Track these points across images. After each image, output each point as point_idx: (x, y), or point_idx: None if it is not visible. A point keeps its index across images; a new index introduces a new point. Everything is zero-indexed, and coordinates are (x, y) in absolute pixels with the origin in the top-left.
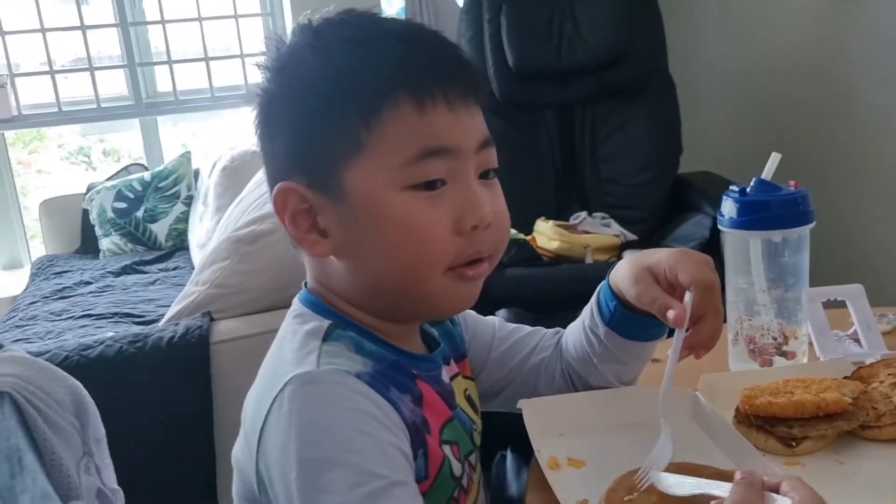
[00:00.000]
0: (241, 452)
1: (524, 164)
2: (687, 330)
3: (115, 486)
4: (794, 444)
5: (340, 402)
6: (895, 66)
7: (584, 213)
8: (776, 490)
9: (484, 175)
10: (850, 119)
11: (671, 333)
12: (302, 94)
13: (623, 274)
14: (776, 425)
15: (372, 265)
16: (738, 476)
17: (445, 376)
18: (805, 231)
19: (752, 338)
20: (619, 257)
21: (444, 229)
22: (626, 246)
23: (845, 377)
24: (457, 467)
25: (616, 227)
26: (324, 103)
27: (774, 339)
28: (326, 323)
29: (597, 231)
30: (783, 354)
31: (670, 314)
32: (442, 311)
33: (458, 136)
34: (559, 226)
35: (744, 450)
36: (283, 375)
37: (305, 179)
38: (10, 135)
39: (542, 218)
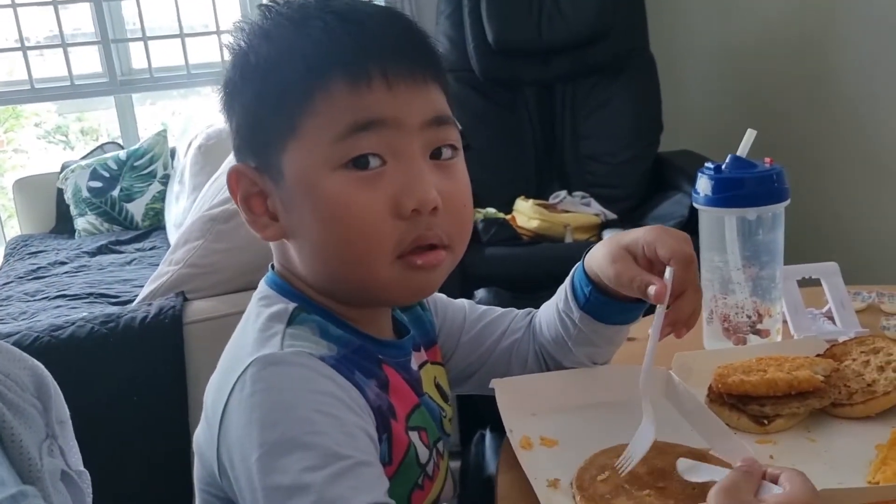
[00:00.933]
0: (202, 437)
1: (504, 143)
2: (668, 307)
3: (82, 468)
4: (766, 422)
5: (304, 384)
6: (876, 46)
7: (563, 192)
8: (775, 481)
9: (436, 155)
10: (829, 98)
11: (647, 313)
12: (250, 76)
13: (599, 256)
14: (748, 403)
15: (316, 250)
16: (739, 463)
17: (414, 364)
18: (780, 209)
19: (726, 316)
20: (599, 237)
21: (381, 212)
22: (606, 225)
23: (818, 355)
24: (423, 453)
25: (596, 206)
26: (265, 86)
27: (749, 317)
28: (291, 306)
29: (577, 210)
30: (757, 333)
31: (651, 290)
32: (398, 300)
33: (395, 110)
34: (539, 205)
35: (716, 428)
36: (245, 358)
37: (254, 161)
38: None
39: (522, 197)
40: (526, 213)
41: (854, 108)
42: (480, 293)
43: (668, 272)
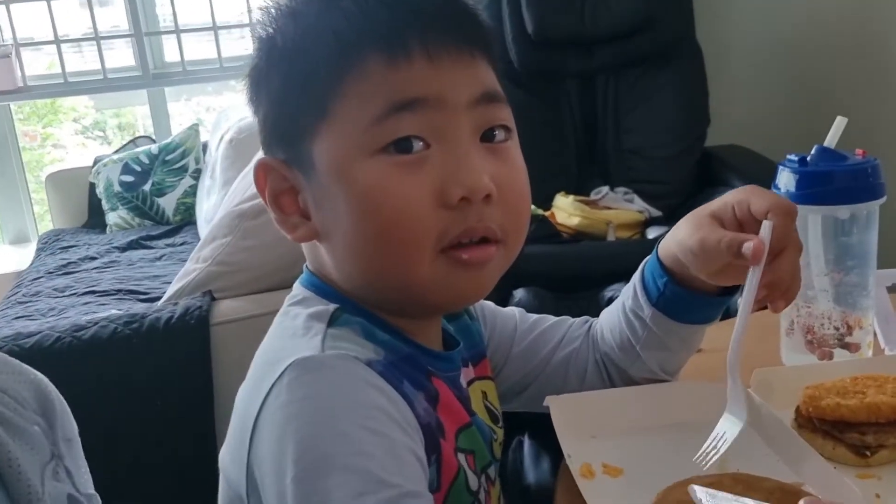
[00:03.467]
0: (228, 456)
1: (543, 137)
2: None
3: (91, 490)
4: (868, 453)
5: (348, 394)
6: None
7: (605, 188)
8: None
9: (488, 137)
10: (891, 92)
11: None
12: (277, 62)
13: (679, 232)
14: (846, 431)
15: (351, 249)
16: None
17: (463, 380)
18: (875, 206)
19: (810, 327)
20: (643, 235)
21: (424, 200)
22: (650, 222)
23: None
24: (472, 480)
25: (639, 203)
26: (292, 69)
27: (836, 328)
28: (332, 307)
29: (619, 206)
30: (845, 346)
31: (747, 246)
32: (442, 304)
33: (439, 87)
34: (580, 201)
35: (809, 459)
36: (280, 362)
37: (284, 154)
38: (24, 108)
39: (562, 193)
40: (566, 210)
41: None
42: (519, 293)
43: (765, 226)
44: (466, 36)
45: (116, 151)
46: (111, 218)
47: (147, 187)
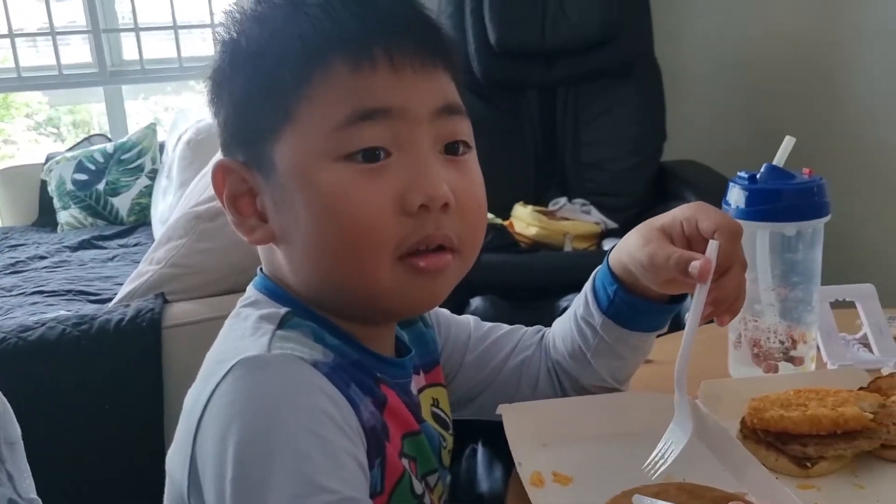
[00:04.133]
0: (174, 456)
1: (503, 147)
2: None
3: (33, 495)
4: (808, 464)
5: (292, 395)
6: (889, 59)
7: (563, 199)
8: None
9: (451, 150)
10: (840, 112)
11: (670, 331)
12: (241, 64)
13: (629, 243)
14: (788, 443)
15: (309, 252)
16: None
17: (414, 387)
18: (820, 224)
19: (756, 341)
20: (599, 246)
21: (384, 206)
22: (607, 234)
23: (861, 388)
24: (416, 484)
25: (596, 215)
26: (256, 71)
27: (782, 342)
28: (283, 310)
29: (576, 218)
30: (790, 360)
31: (694, 265)
32: (398, 310)
33: (403, 97)
34: (538, 211)
35: (752, 470)
36: (228, 361)
37: (243, 156)
38: None
39: (521, 203)
40: (524, 220)
41: (866, 120)
42: (476, 301)
43: (711, 246)
44: (430, 47)
45: (70, 149)
46: (63, 217)
47: (101, 186)
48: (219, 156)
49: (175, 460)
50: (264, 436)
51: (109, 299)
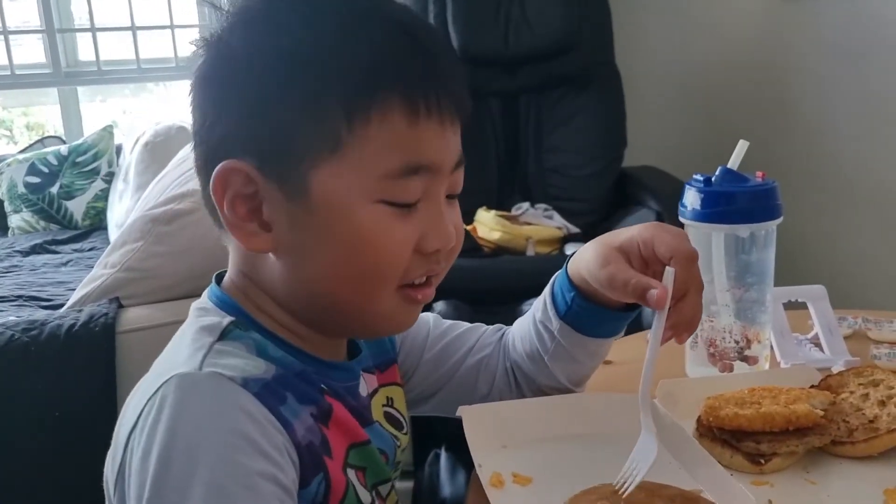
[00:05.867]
0: (108, 465)
1: (467, 153)
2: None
3: None
4: (762, 461)
5: (212, 418)
6: (836, 68)
7: (526, 204)
8: None
9: (452, 195)
10: (791, 119)
11: (628, 332)
12: (274, 60)
13: (588, 258)
14: (742, 440)
15: (319, 273)
16: None
17: (363, 389)
18: (773, 226)
19: (712, 341)
20: (561, 250)
21: (407, 246)
22: (569, 239)
23: (812, 386)
24: (364, 496)
25: (558, 220)
26: (300, 82)
27: (737, 342)
28: (227, 320)
29: (539, 222)
30: (745, 359)
31: (651, 294)
32: (382, 331)
33: (442, 154)
34: (501, 216)
35: (709, 468)
36: (163, 375)
37: (258, 161)
38: None
39: (484, 207)
40: (487, 225)
41: (815, 127)
42: (439, 306)
43: (668, 273)
44: (462, 98)
45: (22, 151)
46: (14, 220)
47: (54, 189)
48: (183, 156)
49: (108, 467)
50: (181, 460)
51: (62, 305)
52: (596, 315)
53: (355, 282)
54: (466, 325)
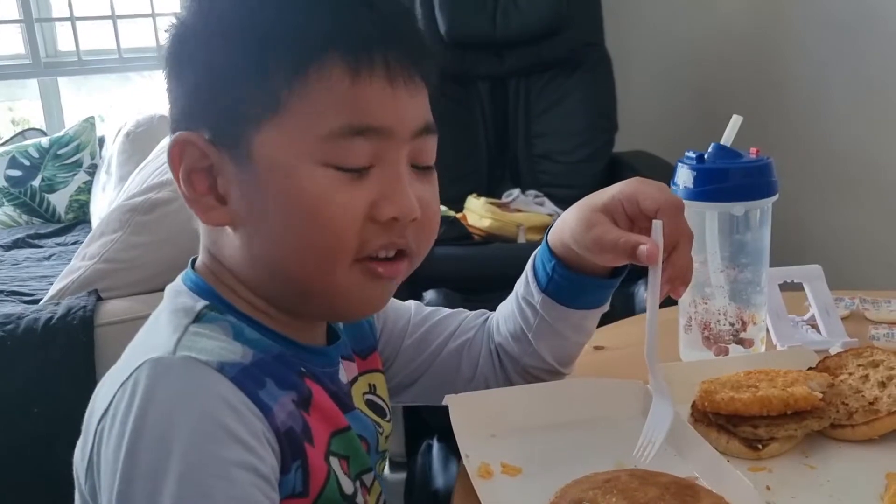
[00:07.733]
0: (78, 454)
1: (455, 139)
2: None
3: None
4: (759, 446)
5: (186, 405)
6: (831, 53)
7: (516, 191)
8: None
9: (420, 166)
10: (785, 99)
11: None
12: (220, 31)
13: (571, 224)
14: (739, 425)
15: (271, 243)
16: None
17: (343, 376)
18: (768, 204)
19: (706, 323)
20: None
21: (357, 213)
22: None
23: (810, 368)
24: (347, 484)
25: (549, 206)
26: (243, 48)
27: (732, 324)
28: (201, 304)
29: (529, 209)
30: (740, 342)
31: (642, 250)
32: (346, 311)
33: (393, 118)
34: (491, 203)
35: (705, 454)
36: (136, 358)
37: (209, 132)
38: None
39: (474, 195)
40: (477, 212)
41: (810, 112)
42: (429, 295)
43: (656, 227)
44: (422, 61)
45: (2, 144)
46: None
47: (36, 182)
48: (162, 146)
49: (78, 456)
50: (152, 449)
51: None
52: (577, 284)
53: (306, 252)
54: (447, 310)
